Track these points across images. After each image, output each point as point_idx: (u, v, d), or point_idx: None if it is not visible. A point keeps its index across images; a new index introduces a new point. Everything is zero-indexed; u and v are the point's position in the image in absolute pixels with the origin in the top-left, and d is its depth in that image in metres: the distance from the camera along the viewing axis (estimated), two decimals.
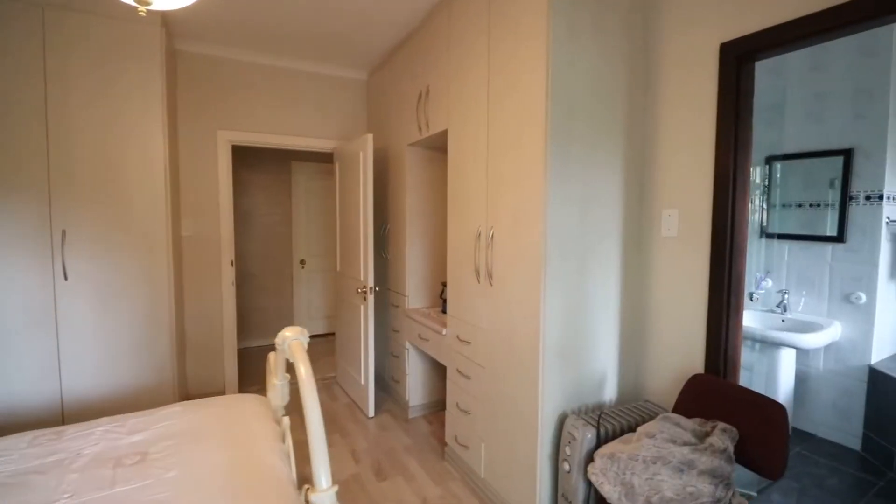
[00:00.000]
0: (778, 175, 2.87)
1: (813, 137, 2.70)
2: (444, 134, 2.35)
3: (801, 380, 2.77)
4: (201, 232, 3.16)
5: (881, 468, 2.36)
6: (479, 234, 2.02)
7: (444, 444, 2.45)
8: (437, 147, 2.75)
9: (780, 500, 2.11)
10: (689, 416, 1.58)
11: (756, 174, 2.98)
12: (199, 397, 2.48)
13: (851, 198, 2.55)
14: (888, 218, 2.46)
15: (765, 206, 2.93)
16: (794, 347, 2.57)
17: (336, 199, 3.28)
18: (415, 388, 2.85)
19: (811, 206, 2.72)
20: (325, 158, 4.16)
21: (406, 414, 2.89)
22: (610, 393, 1.89)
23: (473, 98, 2.07)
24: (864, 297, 2.49)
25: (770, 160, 2.89)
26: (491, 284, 1.95)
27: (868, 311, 2.49)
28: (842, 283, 2.59)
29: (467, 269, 2.13)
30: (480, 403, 2.06)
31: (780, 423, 1.32)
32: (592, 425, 1.60)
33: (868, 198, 2.48)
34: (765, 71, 3.08)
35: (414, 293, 2.83)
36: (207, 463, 1.43)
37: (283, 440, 1.72)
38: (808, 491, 2.18)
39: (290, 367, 1.56)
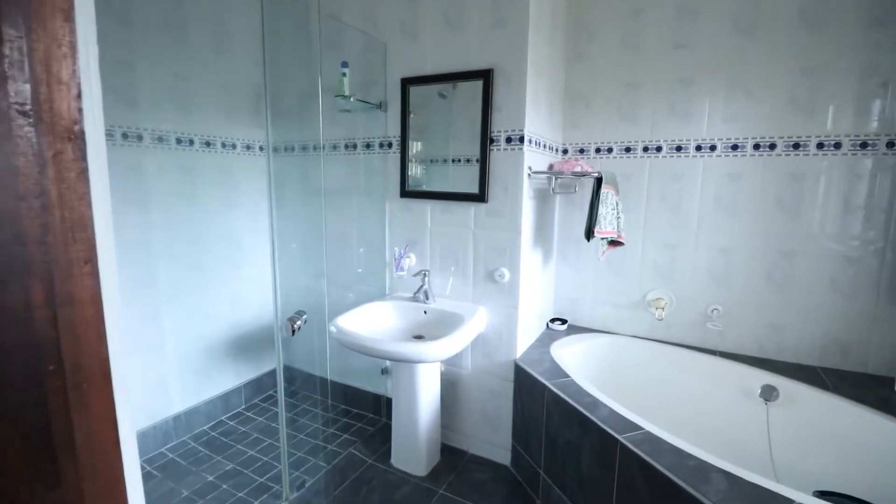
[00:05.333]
0: (413, 105, 2.02)
1: (453, 52, 1.90)
2: None
3: (450, 383, 2.09)
4: None
5: (528, 493, 1.84)
6: None
7: None
8: None
9: None
10: None
11: (393, 103, 2.07)
12: None
13: (492, 140, 1.86)
14: (530, 168, 1.86)
15: (402, 150, 2.06)
16: (416, 362, 1.80)
17: None
18: None
19: (460, 159, 1.95)
20: None
21: None
22: None
23: None
24: (507, 275, 1.88)
25: (407, 84, 2.01)
26: None
27: (512, 292, 1.89)
28: (486, 257, 1.94)
29: None
30: None
31: None
32: None
33: (509, 140, 1.83)
34: None
35: None
36: None
37: None
38: None
39: None
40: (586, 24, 2.11)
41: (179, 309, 2.18)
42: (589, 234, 1.84)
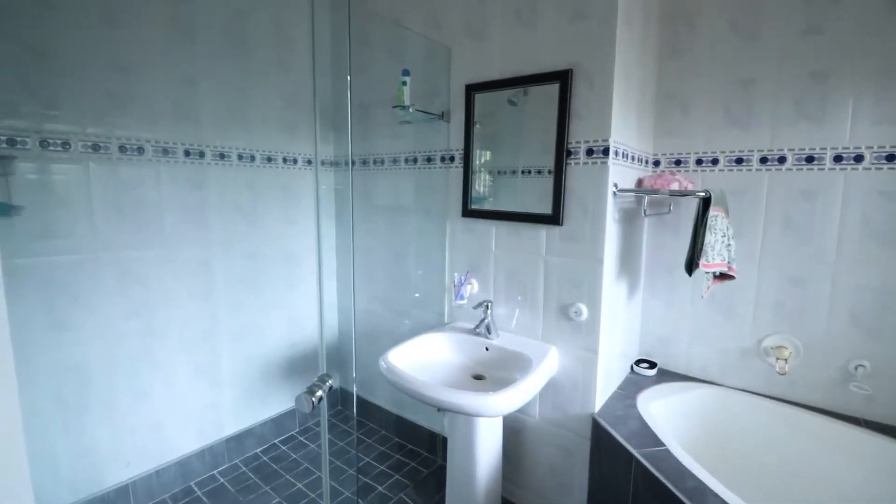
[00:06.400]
0: (478, 114, 1.80)
1: (525, 52, 1.66)
2: None
3: (514, 432, 1.82)
4: None
5: None
6: None
7: None
8: None
9: None
10: None
11: (458, 112, 1.86)
12: None
13: (570, 152, 1.58)
14: (615, 185, 1.56)
15: (465, 164, 1.84)
16: (471, 415, 1.56)
17: None
18: None
19: (531, 171, 1.69)
20: None
21: None
22: None
23: None
24: (585, 312, 1.58)
25: (472, 91, 1.79)
26: None
27: (590, 333, 1.59)
28: (559, 289, 1.65)
29: None
30: None
31: None
32: None
33: (590, 152, 1.54)
34: None
35: None
36: None
37: None
38: None
39: None
40: (687, 10, 1.76)
41: (235, 327, 2.13)
42: (691, 267, 1.49)
